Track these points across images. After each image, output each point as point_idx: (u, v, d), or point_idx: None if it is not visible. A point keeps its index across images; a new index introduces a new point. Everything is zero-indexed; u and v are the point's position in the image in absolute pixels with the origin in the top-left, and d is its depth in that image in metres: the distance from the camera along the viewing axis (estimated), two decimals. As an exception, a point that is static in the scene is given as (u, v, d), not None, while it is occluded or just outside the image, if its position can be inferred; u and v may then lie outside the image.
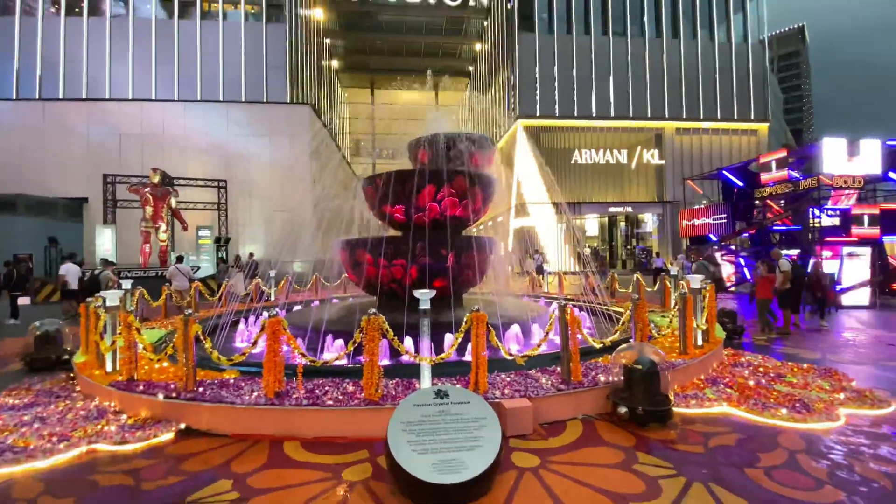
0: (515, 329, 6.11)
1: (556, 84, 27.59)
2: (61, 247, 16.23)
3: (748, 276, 14.35)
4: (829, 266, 11.71)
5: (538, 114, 27.21)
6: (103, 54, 23.56)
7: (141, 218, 15.29)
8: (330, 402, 3.61)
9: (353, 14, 36.95)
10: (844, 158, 11.50)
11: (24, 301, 10.99)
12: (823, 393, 4.41)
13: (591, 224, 30.95)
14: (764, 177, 13.97)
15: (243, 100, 23.82)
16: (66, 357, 5.99)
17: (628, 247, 30.63)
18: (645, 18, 28.81)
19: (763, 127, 29.32)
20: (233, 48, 24.82)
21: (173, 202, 16.26)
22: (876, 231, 11.84)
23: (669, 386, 3.77)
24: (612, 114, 27.83)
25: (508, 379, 4.11)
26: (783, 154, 13.47)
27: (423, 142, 7.71)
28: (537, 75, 27.50)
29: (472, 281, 7.74)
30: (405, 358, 5.14)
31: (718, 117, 28.81)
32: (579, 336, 4.14)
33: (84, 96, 22.42)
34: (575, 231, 24.01)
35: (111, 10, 23.91)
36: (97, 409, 4.14)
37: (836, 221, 13.30)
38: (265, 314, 8.57)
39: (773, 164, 13.55)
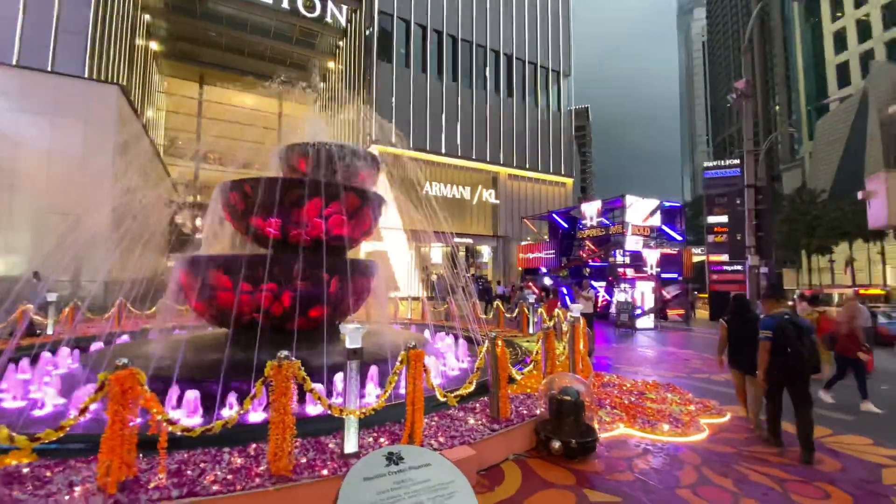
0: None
1: (411, 117, 28.67)
2: None
3: (568, 303, 16.96)
4: (624, 296, 14.62)
5: (392, 142, 27.68)
6: None
7: None
8: (216, 488, 2.55)
9: (182, -5, 31.94)
10: (640, 212, 14.74)
11: None
12: (679, 406, 5.21)
13: (436, 252, 32.51)
14: (583, 221, 16.89)
15: (14, 63, 17.79)
16: None
17: (467, 275, 33.08)
18: (487, 75, 32.58)
19: (569, 181, 35.84)
20: (2, -6, 18.53)
21: None
22: (656, 270, 15.37)
23: (592, 415, 3.87)
24: (459, 153, 30.20)
25: (434, 423, 3.65)
26: (598, 203, 16.56)
27: (306, 149, 6.77)
28: (393, 105, 28.15)
29: (351, 309, 7.03)
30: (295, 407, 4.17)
31: (539, 169, 34.06)
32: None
33: None
34: (447, 257, 24.74)
35: None
36: None
37: (628, 260, 16.85)
38: (46, 356, 6.15)
39: (590, 212, 16.50)
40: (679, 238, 16.83)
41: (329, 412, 2.97)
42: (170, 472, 2.67)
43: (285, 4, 31.26)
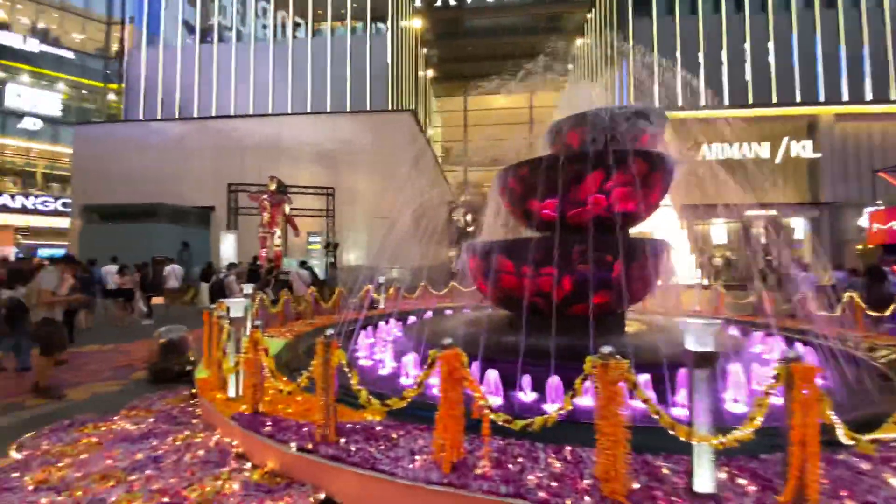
0: (736, 373, 4.27)
1: (678, 72, 24.33)
2: (191, 251, 17.49)
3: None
4: None
5: (656, 105, 24.15)
6: (229, 76, 25.82)
7: (259, 224, 15.83)
8: (543, 495, 2.25)
9: (447, 21, 36.88)
10: None
11: (157, 300, 11.52)
12: None
13: (719, 230, 26.75)
14: None
15: (348, 110, 24.44)
16: (189, 368, 5.52)
17: (768, 257, 25.85)
18: (791, -12, 24.37)
19: (959, 107, 22.98)
20: (339, 61, 25.75)
21: (287, 209, 16.69)
22: None
23: None
24: (751, 100, 23.77)
25: (822, 470, 2.42)
26: None
27: (576, 120, 6.20)
28: (655, 64, 24.52)
29: (638, 296, 6.08)
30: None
31: (893, 98, 23.17)
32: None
33: (213, 114, 24.64)
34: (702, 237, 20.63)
35: (235, 36, 26.22)
36: (218, 449, 3.27)
37: None
38: (382, 325, 7.70)
39: None
40: None
41: (657, 422, 2.26)
42: (492, 462, 2.54)
43: (530, -6, 31.83)
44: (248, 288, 5.93)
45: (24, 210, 28.28)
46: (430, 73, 42.14)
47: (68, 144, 26.61)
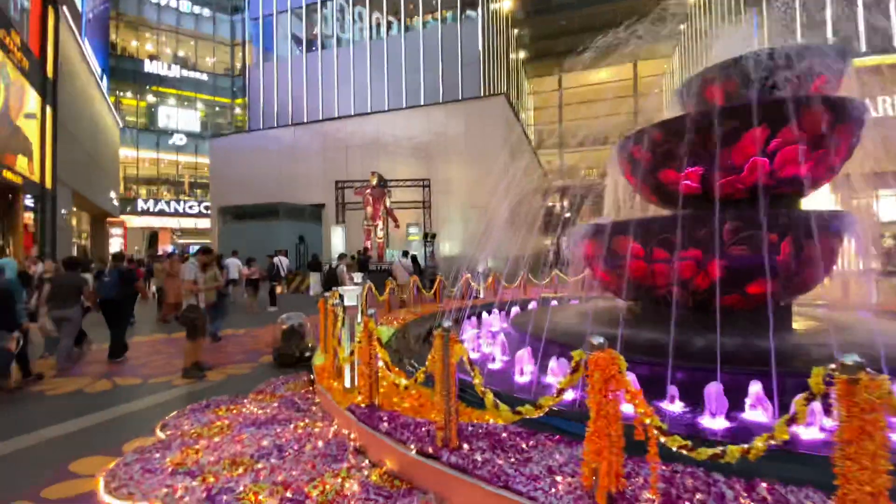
0: None
1: (830, 17, 20.02)
2: (307, 244, 18.99)
3: None
4: None
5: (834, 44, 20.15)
6: (332, 80, 27.50)
7: (363, 217, 16.57)
8: (750, 553, 1.64)
9: (541, -3, 34.98)
10: None
11: (279, 290, 12.58)
12: None
13: (889, 204, 21.65)
14: None
15: (441, 101, 24.47)
16: (308, 354, 5.71)
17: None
18: None
19: None
20: (431, 54, 25.86)
21: (387, 202, 17.23)
22: None
23: None
24: (937, 38, 18.66)
25: None
26: None
27: (721, 71, 5.09)
28: (797, 13, 20.45)
29: (810, 284, 4.90)
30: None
31: None
32: None
33: (320, 118, 26.49)
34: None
35: (336, 42, 27.77)
36: (336, 441, 3.16)
37: None
38: (485, 315, 7.29)
39: None
40: None
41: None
42: (664, 497, 1.98)
43: (635, -50, 28.65)
44: (358, 277, 5.96)
45: (176, 213, 33.60)
46: (522, 54, 40.56)
47: (206, 155, 30.82)
